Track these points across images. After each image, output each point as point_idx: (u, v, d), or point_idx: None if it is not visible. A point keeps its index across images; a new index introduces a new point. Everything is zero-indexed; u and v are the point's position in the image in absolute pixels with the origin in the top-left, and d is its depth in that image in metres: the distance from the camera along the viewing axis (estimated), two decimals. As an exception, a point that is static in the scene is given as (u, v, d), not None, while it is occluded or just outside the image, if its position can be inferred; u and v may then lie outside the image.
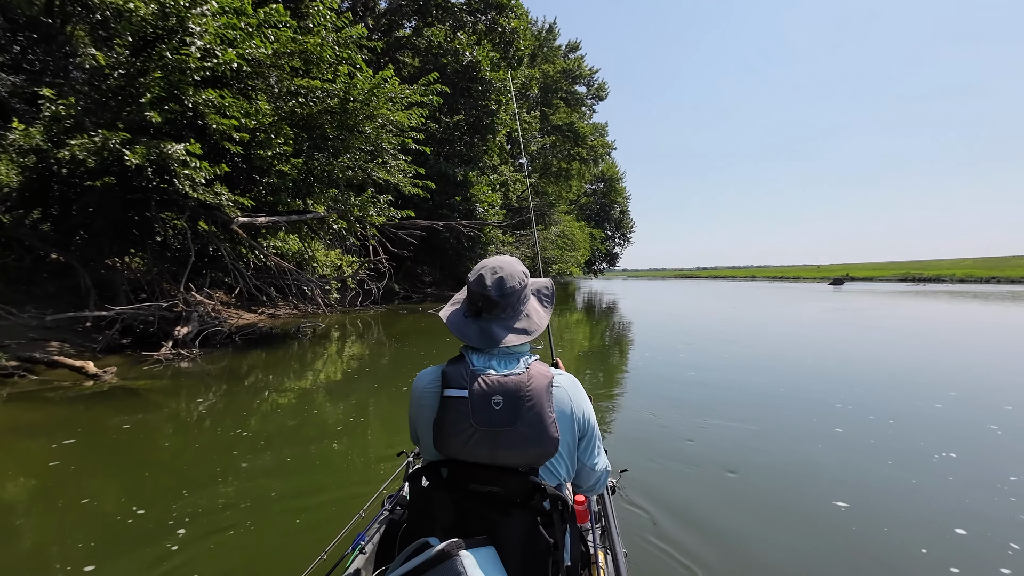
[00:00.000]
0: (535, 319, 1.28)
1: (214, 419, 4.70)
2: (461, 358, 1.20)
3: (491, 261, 1.29)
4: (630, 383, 6.45)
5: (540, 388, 1.12)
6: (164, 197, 8.30)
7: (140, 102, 6.70)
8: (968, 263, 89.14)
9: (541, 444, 1.09)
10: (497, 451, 1.09)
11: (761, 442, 4.01)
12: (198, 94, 7.02)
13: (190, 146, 6.66)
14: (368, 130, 9.99)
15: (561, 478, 1.20)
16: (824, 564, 2.40)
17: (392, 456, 3.48)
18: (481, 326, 1.23)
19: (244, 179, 9.72)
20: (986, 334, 11.39)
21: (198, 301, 7.98)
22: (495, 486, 1.12)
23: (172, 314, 7.72)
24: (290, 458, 3.66)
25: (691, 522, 2.71)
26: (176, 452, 3.85)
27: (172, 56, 6.91)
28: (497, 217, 21.62)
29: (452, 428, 1.10)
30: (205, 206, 8.03)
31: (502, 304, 1.23)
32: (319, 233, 10.56)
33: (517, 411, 1.08)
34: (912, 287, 39.87)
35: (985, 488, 3.18)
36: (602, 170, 55.30)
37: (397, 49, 21.60)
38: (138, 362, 6.82)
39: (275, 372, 6.81)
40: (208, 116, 7.32)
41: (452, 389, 1.13)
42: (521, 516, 1.11)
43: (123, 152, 6.12)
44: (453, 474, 1.15)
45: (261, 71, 8.98)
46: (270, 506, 2.90)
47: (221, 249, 8.47)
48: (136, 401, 5.06)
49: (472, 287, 1.26)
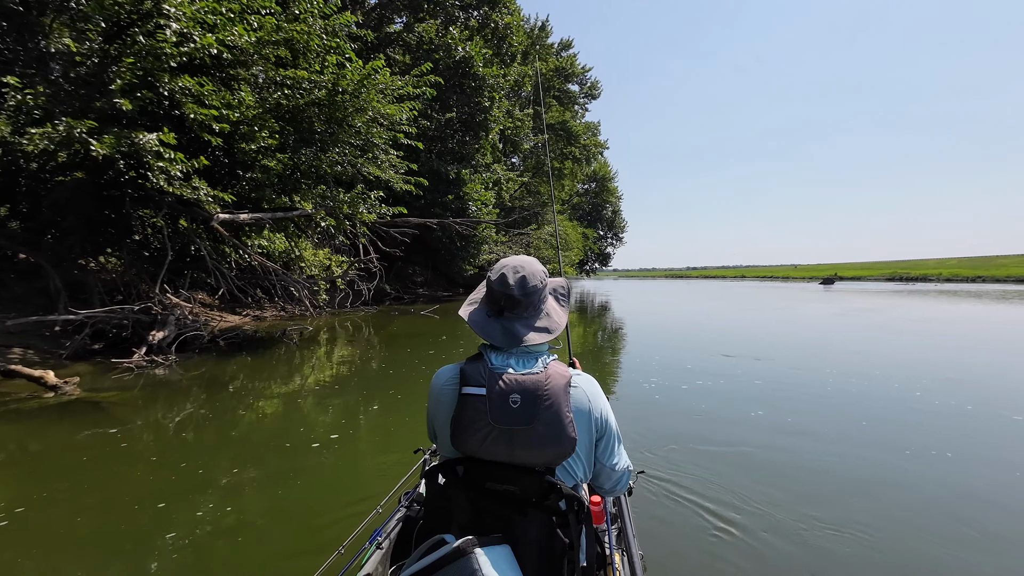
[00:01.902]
0: (555, 318, 1.29)
1: (193, 430, 4.26)
2: (480, 356, 1.20)
3: (512, 260, 1.29)
4: (647, 387, 6.08)
5: (558, 387, 1.11)
6: (139, 192, 7.80)
7: (110, 89, 6.20)
8: (953, 263, 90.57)
9: (558, 444, 1.09)
10: (514, 449, 1.09)
11: (806, 456, 3.73)
12: (174, 81, 6.53)
13: (163, 135, 6.16)
14: (358, 124, 9.54)
15: (578, 478, 1.19)
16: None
17: (388, 464, 3.45)
18: (504, 325, 1.23)
19: (226, 174, 9.22)
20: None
21: (174, 303, 7.46)
22: (511, 484, 1.11)
23: (148, 318, 7.21)
24: (276, 472, 3.26)
25: (710, 526, 2.65)
26: (147, 472, 3.40)
27: (146, 40, 6.43)
28: (491, 216, 21.19)
29: (470, 426, 1.10)
30: (183, 202, 7.54)
31: (524, 303, 1.24)
32: (307, 231, 10.07)
33: (535, 410, 1.08)
34: (902, 287, 40.15)
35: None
36: (594, 169, 55.12)
37: (387, 45, 21.11)
38: (108, 370, 6.28)
39: (259, 378, 6.35)
40: (186, 105, 6.84)
41: (470, 387, 1.12)
42: (537, 516, 1.11)
43: (89, 142, 5.61)
44: (469, 472, 1.15)
45: (244, 60, 8.50)
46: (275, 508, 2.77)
47: (202, 248, 7.96)
48: (99, 417, 4.52)
49: (494, 286, 1.25)
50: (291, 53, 9.08)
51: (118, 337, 7.30)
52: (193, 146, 8.32)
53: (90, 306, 7.48)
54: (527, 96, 32.79)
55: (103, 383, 5.73)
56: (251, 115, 8.65)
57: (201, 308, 11.47)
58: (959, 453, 3.75)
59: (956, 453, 3.75)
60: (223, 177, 9.10)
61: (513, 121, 27.12)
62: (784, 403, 5.14)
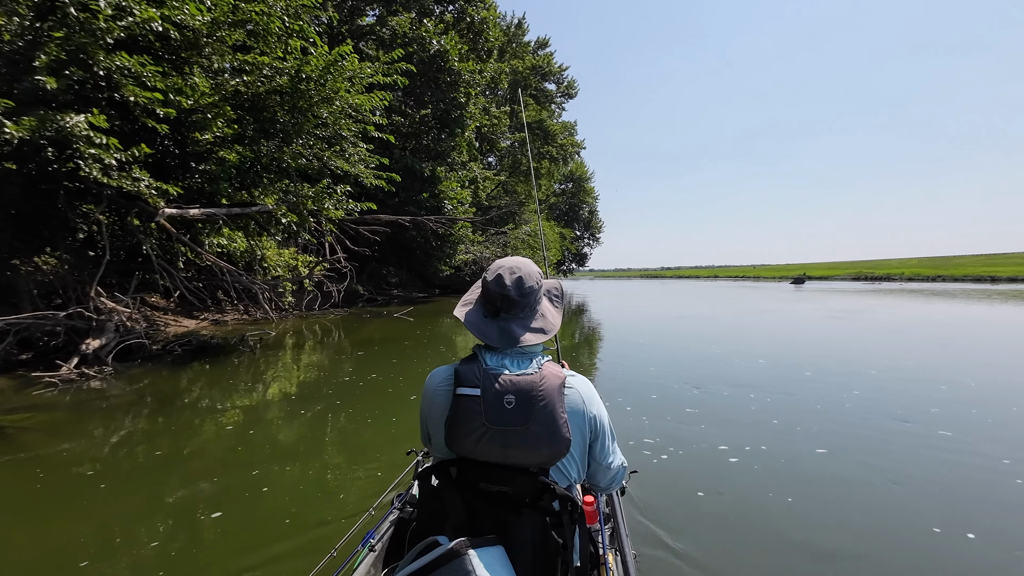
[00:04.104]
0: (550, 319, 1.29)
1: (125, 451, 3.65)
2: (474, 357, 1.20)
3: (507, 261, 1.29)
4: (643, 387, 5.86)
5: (553, 388, 1.11)
6: (76, 185, 7.02)
7: (34, 66, 5.47)
8: (914, 263, 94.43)
9: (553, 444, 1.09)
10: (509, 450, 1.08)
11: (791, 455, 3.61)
12: (110, 59, 5.83)
13: (93, 118, 5.46)
14: (324, 114, 8.91)
15: (572, 479, 1.20)
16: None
17: (380, 467, 3.38)
18: (500, 326, 1.23)
19: (178, 166, 8.47)
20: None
21: (110, 308, 6.71)
22: (505, 485, 1.11)
23: (83, 324, 6.45)
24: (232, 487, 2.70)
25: (703, 526, 2.64)
26: (73, 510, 2.79)
27: (77, 12, 5.72)
28: (467, 214, 20.64)
29: (464, 426, 1.09)
30: (127, 196, 6.80)
31: (521, 304, 1.24)
32: (268, 229, 9.36)
33: (529, 411, 1.08)
34: (870, 286, 41.27)
35: None
36: (571, 169, 55.10)
37: (360, 38, 20.36)
38: (28, 384, 5.52)
39: (217, 388, 5.69)
40: (125, 87, 6.14)
41: (465, 387, 1.12)
42: (531, 516, 1.10)
43: (3, 123, 4.89)
44: (463, 473, 1.15)
45: (197, 42, 7.80)
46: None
47: (147, 246, 7.21)
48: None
49: (491, 287, 1.25)
50: (250, 36, 8.41)
51: (48, 347, 6.53)
52: (141, 135, 7.57)
53: (20, 311, 6.68)
54: (504, 94, 32.38)
55: (19, 401, 4.97)
56: (206, 102, 7.95)
57: (154, 312, 10.63)
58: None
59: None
60: (174, 169, 8.34)
61: (490, 119, 26.65)
62: (804, 412, 4.81)
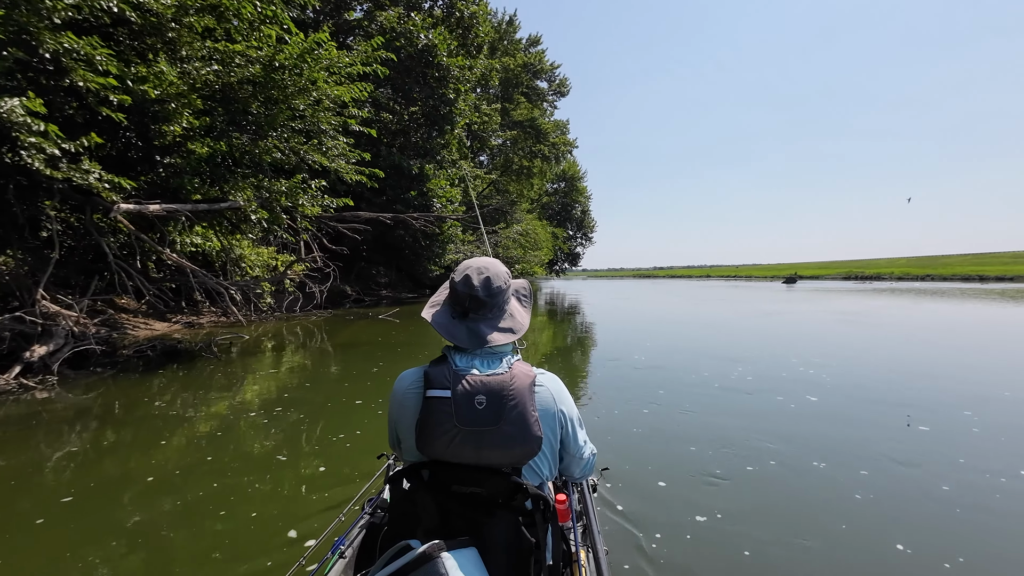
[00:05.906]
0: (519, 318, 1.29)
1: (71, 468, 3.18)
2: (444, 359, 1.20)
3: (475, 262, 1.29)
4: (610, 384, 5.86)
5: (523, 387, 1.12)
6: (25, 179, 6.50)
7: (-33, 45, 4.96)
8: (902, 262, 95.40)
9: (525, 443, 1.10)
10: (481, 450, 1.09)
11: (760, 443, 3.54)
12: (56, 39, 5.33)
13: (29, 101, 4.95)
14: (301, 105, 8.43)
15: (544, 477, 1.22)
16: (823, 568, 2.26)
17: (349, 472, 3.25)
18: (469, 327, 1.23)
19: (142, 159, 7.94)
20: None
21: (55, 311, 6.18)
22: (477, 486, 1.11)
23: (30, 329, 5.93)
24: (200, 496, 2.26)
25: (673, 520, 2.67)
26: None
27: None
28: (456, 213, 20.19)
29: (435, 429, 1.09)
30: (78, 190, 6.29)
31: (489, 304, 1.24)
32: (241, 227, 8.85)
33: (500, 410, 1.08)
34: (861, 285, 41.36)
35: None
36: (564, 168, 54.81)
37: (347, 33, 19.83)
38: (-40, 398, 5.01)
39: (167, 399, 5.20)
40: (75, 72, 5.64)
41: (435, 390, 1.12)
42: (504, 516, 1.10)
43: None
44: (435, 475, 1.15)
45: (161, 27, 7.29)
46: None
47: (103, 243, 6.69)
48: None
49: (458, 288, 1.25)
50: (219, 21, 7.91)
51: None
52: (102, 126, 7.05)
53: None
54: (495, 92, 31.95)
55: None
56: (173, 92, 7.44)
57: (120, 315, 10.07)
58: None
59: None
60: (137, 163, 7.82)
61: (480, 116, 26.19)
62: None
